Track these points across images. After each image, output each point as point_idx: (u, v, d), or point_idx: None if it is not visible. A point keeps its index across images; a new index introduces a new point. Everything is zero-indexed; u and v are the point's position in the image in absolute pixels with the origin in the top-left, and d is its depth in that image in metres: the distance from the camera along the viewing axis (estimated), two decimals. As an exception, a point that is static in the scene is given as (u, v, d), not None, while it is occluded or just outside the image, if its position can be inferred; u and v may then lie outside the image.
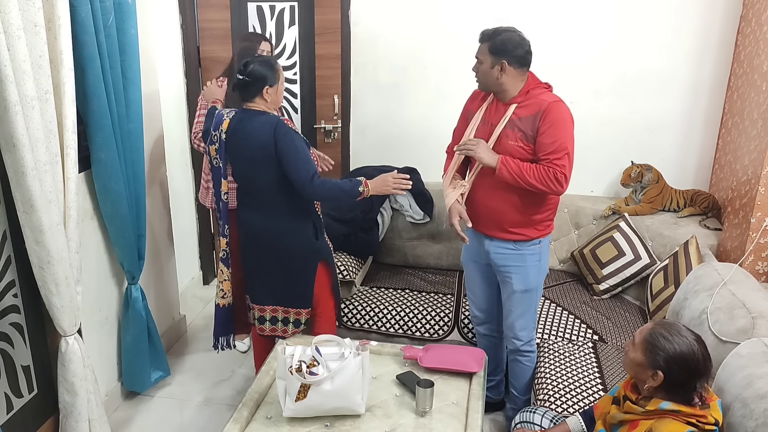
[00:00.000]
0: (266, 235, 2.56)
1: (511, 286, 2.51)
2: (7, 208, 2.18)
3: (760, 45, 2.95)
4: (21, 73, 1.95)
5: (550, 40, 3.42)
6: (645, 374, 1.73)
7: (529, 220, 2.44)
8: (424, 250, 3.56)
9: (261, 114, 2.47)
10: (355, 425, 2.04)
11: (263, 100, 2.48)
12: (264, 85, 2.45)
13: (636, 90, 3.54)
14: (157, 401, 2.97)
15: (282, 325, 2.67)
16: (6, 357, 2.26)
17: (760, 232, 2.75)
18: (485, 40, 2.34)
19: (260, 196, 2.53)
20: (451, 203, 2.47)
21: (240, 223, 2.62)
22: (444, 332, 3.07)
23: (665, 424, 1.66)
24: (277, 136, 2.39)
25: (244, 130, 2.46)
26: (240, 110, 2.51)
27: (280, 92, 2.53)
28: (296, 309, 2.64)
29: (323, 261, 2.64)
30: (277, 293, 2.64)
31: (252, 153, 2.45)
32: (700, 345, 1.70)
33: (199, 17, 3.63)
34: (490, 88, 2.40)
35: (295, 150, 2.40)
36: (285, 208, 2.51)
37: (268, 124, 2.42)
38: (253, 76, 2.44)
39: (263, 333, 2.70)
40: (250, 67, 2.44)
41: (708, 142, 3.54)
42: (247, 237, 2.61)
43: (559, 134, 2.29)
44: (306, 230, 2.55)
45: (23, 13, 1.97)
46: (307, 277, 2.61)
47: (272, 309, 2.67)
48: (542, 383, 2.53)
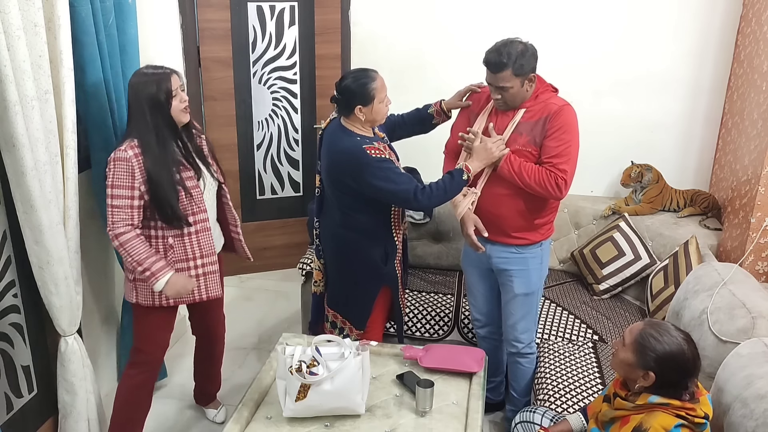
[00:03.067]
0: (336, 243, 2.54)
1: (512, 290, 2.51)
2: (7, 209, 2.18)
3: (760, 45, 2.95)
4: (21, 72, 1.95)
5: (550, 41, 3.41)
6: (636, 374, 1.75)
7: (532, 225, 2.43)
8: (424, 250, 3.55)
9: (347, 135, 2.36)
10: (355, 425, 2.03)
11: (357, 119, 2.37)
12: (355, 104, 2.33)
13: (636, 90, 3.54)
14: (156, 401, 2.95)
15: (338, 333, 2.62)
16: (6, 357, 2.26)
17: (760, 232, 2.74)
18: (504, 68, 2.23)
19: (331, 206, 2.51)
20: (464, 212, 2.42)
21: (320, 222, 2.62)
22: (444, 332, 3.07)
23: (655, 417, 1.69)
24: (360, 171, 2.30)
25: (329, 142, 2.42)
26: (338, 119, 2.44)
27: (377, 110, 2.36)
28: (351, 325, 2.61)
29: (386, 287, 2.58)
30: (337, 300, 2.62)
31: (328, 169, 2.42)
32: (689, 344, 1.72)
33: (199, 17, 3.62)
34: (518, 105, 2.34)
35: (386, 180, 2.29)
36: (355, 225, 2.46)
37: (350, 154, 2.32)
38: (344, 93, 2.35)
39: (325, 330, 2.69)
40: (343, 84, 2.35)
41: (708, 142, 3.54)
42: (323, 236, 2.61)
43: (565, 138, 2.28)
44: (374, 253, 2.49)
45: (23, 13, 1.97)
46: (368, 299, 2.56)
47: (333, 314, 2.65)
48: (542, 383, 2.53)
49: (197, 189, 2.32)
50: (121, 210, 2.18)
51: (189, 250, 2.34)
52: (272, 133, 4.01)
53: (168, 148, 2.24)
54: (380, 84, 2.35)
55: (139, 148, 2.19)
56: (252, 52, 3.80)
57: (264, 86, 3.89)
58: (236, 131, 3.91)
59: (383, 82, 2.37)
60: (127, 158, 2.16)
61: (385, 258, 2.51)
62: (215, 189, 2.48)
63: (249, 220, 4.10)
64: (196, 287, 2.38)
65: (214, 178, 2.44)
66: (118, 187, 2.18)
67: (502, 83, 2.26)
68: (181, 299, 2.37)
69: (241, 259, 2.76)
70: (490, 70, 2.27)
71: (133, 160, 2.17)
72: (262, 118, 3.96)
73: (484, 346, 2.78)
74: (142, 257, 2.21)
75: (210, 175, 2.41)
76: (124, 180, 2.18)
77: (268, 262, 4.20)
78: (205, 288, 2.41)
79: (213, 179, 2.44)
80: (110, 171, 2.18)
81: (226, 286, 4.03)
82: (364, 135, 2.39)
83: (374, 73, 2.35)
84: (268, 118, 3.98)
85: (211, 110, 3.82)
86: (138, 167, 2.17)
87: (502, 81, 2.26)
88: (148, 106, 2.19)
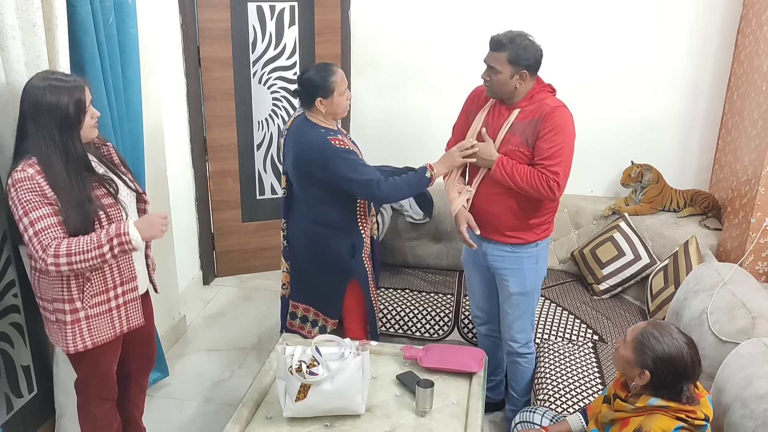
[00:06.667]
0: (306, 239, 2.61)
1: (507, 289, 2.51)
2: (7, 208, 2.18)
3: (760, 45, 2.95)
4: (15, 73, 1.95)
5: (550, 40, 3.39)
6: (633, 372, 1.76)
7: (527, 225, 2.43)
8: (424, 250, 3.55)
9: (312, 128, 2.45)
10: (355, 425, 2.03)
11: (319, 111, 2.45)
12: (316, 96, 2.42)
13: (636, 90, 3.54)
14: (156, 401, 2.96)
15: (310, 326, 2.74)
16: (6, 357, 2.26)
17: (760, 232, 2.75)
18: (502, 49, 2.25)
19: (300, 202, 2.58)
20: (458, 210, 2.46)
21: (288, 220, 2.68)
22: (444, 332, 3.07)
23: (655, 420, 1.69)
24: (326, 161, 2.38)
25: (295, 137, 2.48)
26: (302, 115, 2.51)
27: (337, 103, 2.45)
28: (325, 316, 2.70)
29: (354, 280, 2.65)
30: (308, 293, 2.71)
31: (296, 164, 2.48)
32: (690, 348, 1.72)
33: (199, 17, 3.62)
34: (503, 96, 2.35)
35: (351, 170, 2.38)
36: (324, 218, 2.55)
37: (315, 145, 2.41)
38: (305, 86, 2.43)
39: (293, 328, 2.78)
40: (304, 76, 2.43)
41: (708, 142, 3.54)
42: (292, 234, 2.68)
43: (557, 140, 2.27)
44: (342, 245, 2.58)
45: (21, 12, 1.97)
46: (338, 290, 2.65)
47: (305, 308, 2.74)
48: (542, 383, 2.53)
49: (114, 207, 2.02)
50: (48, 230, 1.83)
51: (109, 278, 2.03)
52: (272, 133, 4.01)
53: (78, 167, 1.91)
54: (340, 78, 2.43)
55: (40, 166, 1.85)
56: (252, 52, 3.80)
57: (264, 86, 3.89)
58: (236, 131, 3.91)
59: (344, 76, 2.46)
60: (30, 176, 1.83)
61: (352, 251, 2.59)
62: (134, 201, 2.19)
63: (249, 220, 4.10)
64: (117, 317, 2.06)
65: (131, 188, 2.16)
66: (33, 210, 1.83)
67: (494, 63, 2.27)
68: (100, 341, 2.05)
69: (241, 258, 2.76)
70: (490, 47, 2.30)
71: (37, 177, 1.84)
72: (262, 118, 3.96)
73: (484, 343, 2.79)
74: (93, 241, 1.85)
75: (125, 185, 2.13)
76: (35, 199, 1.83)
77: (268, 262, 4.19)
78: (126, 318, 2.10)
79: (130, 190, 2.16)
80: (15, 196, 1.83)
81: (227, 285, 4.09)
82: (328, 127, 2.48)
83: (335, 67, 2.45)
84: (268, 118, 3.98)
85: (211, 110, 3.82)
86: (46, 184, 1.85)
87: (494, 61, 2.27)
88: (55, 120, 1.85)
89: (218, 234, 4.08)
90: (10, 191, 1.86)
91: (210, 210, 4.02)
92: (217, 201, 4.01)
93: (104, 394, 2.22)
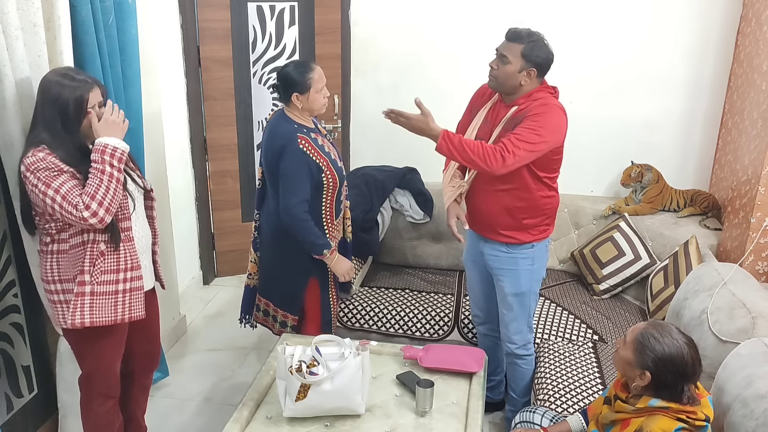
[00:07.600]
0: (272, 233, 2.63)
1: (503, 289, 2.51)
2: (7, 209, 2.18)
3: (760, 45, 2.95)
4: (20, 72, 1.95)
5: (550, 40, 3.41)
6: (633, 373, 1.76)
7: (521, 224, 2.42)
8: (424, 250, 3.55)
9: (286, 122, 2.50)
10: (355, 425, 2.03)
11: (295, 106, 2.49)
12: (293, 91, 2.45)
13: (636, 90, 3.54)
14: (157, 401, 2.96)
15: (272, 320, 2.80)
16: (6, 357, 2.26)
17: (760, 232, 2.75)
18: (519, 40, 2.24)
19: (269, 195, 2.61)
20: (449, 203, 2.47)
21: (261, 212, 2.72)
22: (444, 332, 3.07)
23: (655, 421, 1.69)
24: (282, 156, 2.42)
25: (269, 130, 2.54)
26: (281, 110, 2.56)
27: (314, 99, 2.47)
28: (283, 311, 2.74)
29: (314, 279, 2.67)
30: (270, 289, 2.76)
31: (265, 156, 2.53)
32: (690, 349, 1.71)
33: (199, 17, 3.62)
34: (505, 89, 2.33)
35: (289, 177, 2.42)
36: None
37: (280, 137, 2.45)
38: (282, 80, 2.47)
39: (258, 320, 2.86)
40: (283, 71, 2.46)
41: (708, 142, 3.54)
42: (261, 228, 2.72)
43: (532, 126, 2.19)
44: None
45: (21, 12, 1.97)
46: (296, 287, 2.67)
47: (265, 302, 2.80)
48: (542, 383, 2.53)
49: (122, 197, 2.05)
50: (72, 191, 1.89)
51: (122, 259, 2.05)
52: (272, 133, 4.01)
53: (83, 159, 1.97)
54: (318, 75, 2.46)
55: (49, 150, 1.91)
56: (252, 52, 3.80)
57: (264, 86, 3.89)
58: (236, 131, 3.91)
59: (322, 74, 2.48)
60: (41, 157, 1.89)
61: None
62: (141, 197, 2.21)
63: (249, 219, 4.08)
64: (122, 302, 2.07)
65: (139, 185, 2.19)
66: (53, 179, 1.88)
67: (506, 52, 2.26)
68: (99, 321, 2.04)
69: (241, 258, 2.77)
70: (506, 37, 2.30)
71: (49, 157, 1.90)
72: (262, 118, 3.96)
73: (484, 343, 2.79)
74: (96, 175, 1.91)
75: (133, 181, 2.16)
76: (52, 172, 1.89)
77: (268, 262, 4.19)
78: (129, 307, 2.09)
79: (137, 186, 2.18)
80: (32, 178, 1.88)
81: (227, 285, 4.09)
82: (302, 124, 2.51)
83: (314, 65, 2.48)
84: (268, 118, 3.97)
85: (211, 110, 3.82)
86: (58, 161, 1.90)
87: (507, 50, 2.26)
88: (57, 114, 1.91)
89: (218, 234, 4.08)
90: (27, 176, 1.90)
91: (210, 210, 4.02)
92: (217, 201, 4.01)
93: (107, 391, 2.23)
